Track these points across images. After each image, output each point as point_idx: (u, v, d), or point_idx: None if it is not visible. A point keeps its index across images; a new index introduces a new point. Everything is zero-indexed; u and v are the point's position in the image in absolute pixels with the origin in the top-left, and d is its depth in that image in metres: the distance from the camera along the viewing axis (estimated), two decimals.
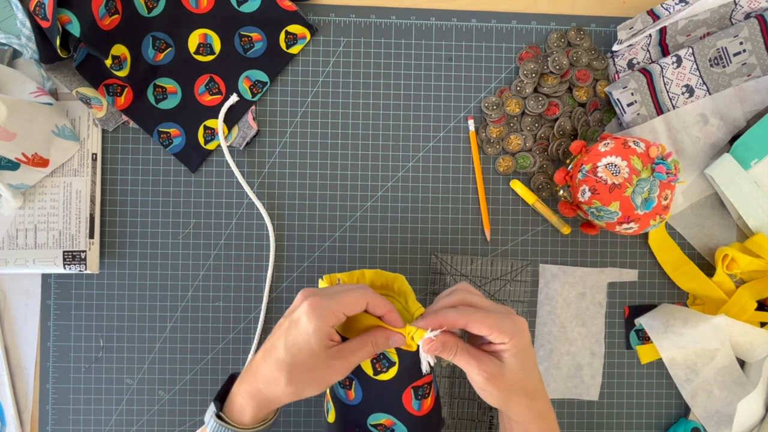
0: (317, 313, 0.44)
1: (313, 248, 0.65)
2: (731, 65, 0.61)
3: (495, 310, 0.49)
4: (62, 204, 0.62)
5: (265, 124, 0.65)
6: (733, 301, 0.64)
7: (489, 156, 0.66)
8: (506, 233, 0.66)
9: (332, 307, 0.44)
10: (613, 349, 0.67)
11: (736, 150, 0.61)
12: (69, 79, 0.62)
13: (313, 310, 0.44)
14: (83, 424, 0.63)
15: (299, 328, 0.44)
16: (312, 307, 0.44)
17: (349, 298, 0.45)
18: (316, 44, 0.65)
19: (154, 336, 0.64)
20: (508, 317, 0.48)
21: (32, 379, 0.63)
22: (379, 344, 0.47)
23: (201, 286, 0.65)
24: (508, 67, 0.66)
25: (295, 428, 0.65)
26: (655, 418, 0.67)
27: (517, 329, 0.47)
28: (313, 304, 0.44)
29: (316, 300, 0.44)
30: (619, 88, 0.62)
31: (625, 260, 0.67)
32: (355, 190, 0.65)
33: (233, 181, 0.65)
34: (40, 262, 0.61)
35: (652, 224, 0.58)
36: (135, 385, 0.64)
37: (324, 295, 0.45)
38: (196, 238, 0.64)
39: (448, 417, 0.65)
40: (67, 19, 0.55)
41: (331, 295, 0.45)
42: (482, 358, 0.48)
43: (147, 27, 0.63)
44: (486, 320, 0.46)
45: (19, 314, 0.63)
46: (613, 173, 0.56)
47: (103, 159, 0.64)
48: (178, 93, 0.64)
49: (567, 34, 0.66)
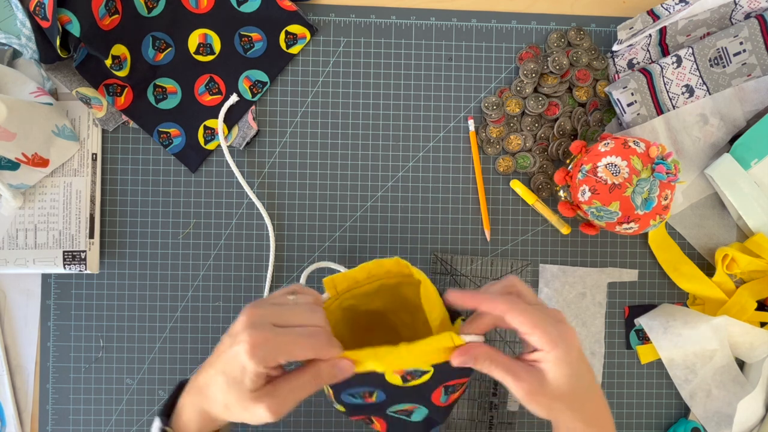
0: (257, 356, 0.39)
1: (313, 248, 0.65)
2: (731, 65, 0.61)
3: (543, 310, 0.44)
4: (62, 204, 0.62)
5: (265, 124, 0.65)
6: (733, 301, 0.64)
7: (489, 156, 0.66)
8: (506, 233, 0.66)
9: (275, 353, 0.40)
10: (613, 349, 0.67)
11: (736, 150, 0.61)
12: (69, 79, 0.62)
13: (254, 349, 0.39)
14: (83, 424, 0.63)
15: (237, 362, 0.40)
16: (252, 344, 0.39)
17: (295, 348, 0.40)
18: (316, 44, 0.65)
19: (154, 336, 0.64)
20: (555, 323, 0.43)
21: (32, 379, 0.63)
22: (322, 376, 0.42)
23: (201, 286, 0.65)
24: (508, 67, 0.66)
25: (295, 428, 0.65)
26: (655, 418, 0.67)
27: (561, 339, 0.42)
28: (255, 343, 0.39)
29: (258, 338, 0.40)
30: (619, 88, 0.62)
31: (625, 260, 0.67)
32: (355, 190, 0.65)
33: (233, 181, 0.65)
34: (40, 262, 0.61)
35: (652, 224, 0.58)
36: (135, 385, 0.64)
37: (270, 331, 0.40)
38: (196, 238, 0.64)
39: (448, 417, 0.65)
40: (67, 19, 0.55)
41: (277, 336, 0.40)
42: (520, 373, 0.43)
43: (147, 27, 0.63)
44: (531, 316, 0.42)
45: (19, 314, 0.63)
46: (613, 173, 0.56)
47: (103, 159, 0.64)
48: (178, 93, 0.64)
49: (567, 34, 0.66)
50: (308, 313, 0.43)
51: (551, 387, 0.43)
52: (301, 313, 0.43)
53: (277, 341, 0.40)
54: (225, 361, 0.41)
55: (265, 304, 0.44)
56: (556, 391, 0.43)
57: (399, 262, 0.50)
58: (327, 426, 0.65)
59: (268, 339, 0.40)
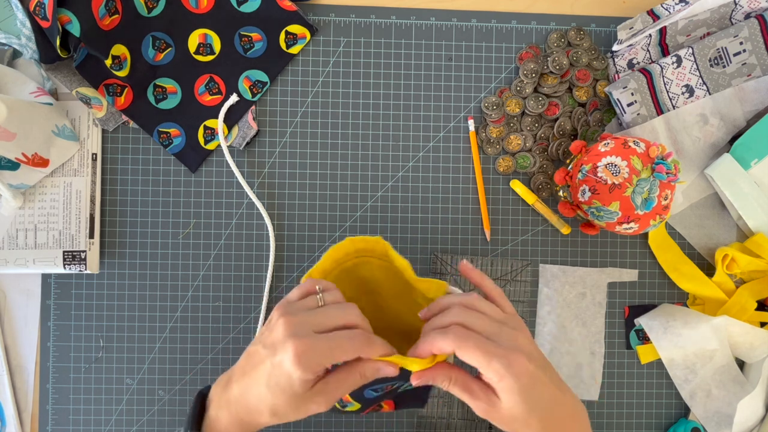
0: (303, 364, 0.40)
1: (313, 248, 0.65)
2: (731, 65, 0.61)
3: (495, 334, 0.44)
4: (62, 204, 0.62)
5: (265, 124, 0.65)
6: (733, 301, 0.64)
7: (489, 156, 0.66)
8: (506, 233, 0.66)
9: (321, 359, 0.41)
10: (613, 349, 0.67)
11: (736, 150, 0.61)
12: (69, 79, 0.62)
13: (299, 358, 0.40)
14: (83, 424, 0.63)
15: (282, 371, 0.41)
16: (298, 354, 0.40)
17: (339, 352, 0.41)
18: (316, 44, 0.65)
19: (154, 336, 0.64)
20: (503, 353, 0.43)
21: (32, 379, 0.63)
22: (367, 375, 0.44)
23: (201, 286, 0.65)
24: (508, 67, 0.66)
25: (295, 428, 0.65)
26: (655, 418, 0.67)
27: (507, 370, 0.42)
28: (300, 351, 0.40)
29: (303, 347, 0.40)
30: (619, 88, 0.62)
31: (625, 260, 0.67)
32: (355, 190, 0.65)
33: (233, 181, 0.65)
34: (40, 262, 0.61)
35: (652, 224, 0.58)
36: (135, 385, 0.64)
37: (312, 339, 0.41)
38: (196, 238, 0.64)
39: (448, 417, 0.65)
40: (67, 19, 0.55)
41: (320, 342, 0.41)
42: (477, 392, 0.45)
43: (147, 27, 0.63)
44: (476, 351, 0.42)
45: (19, 314, 0.63)
46: (613, 173, 0.56)
47: (103, 159, 0.64)
48: (178, 93, 0.64)
49: (567, 34, 0.66)
50: (343, 313, 0.44)
51: (505, 409, 0.44)
52: (336, 315, 0.43)
53: (322, 347, 0.41)
54: (267, 372, 0.41)
55: (298, 310, 0.44)
56: (510, 412, 0.44)
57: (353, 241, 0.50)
58: (327, 426, 0.65)
59: (312, 346, 0.40)
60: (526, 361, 0.43)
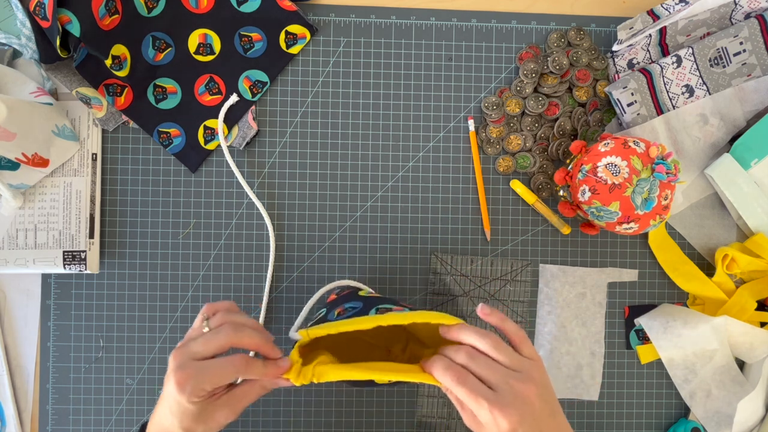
0: (187, 391, 0.44)
1: (313, 248, 0.65)
2: (731, 65, 0.61)
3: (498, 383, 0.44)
4: (62, 204, 0.62)
5: (265, 124, 0.65)
6: (733, 301, 0.64)
7: (489, 156, 0.66)
8: (506, 233, 0.66)
9: (202, 385, 0.45)
10: (613, 349, 0.67)
11: (736, 150, 0.61)
12: (69, 79, 0.62)
13: (182, 387, 0.44)
14: (83, 424, 0.63)
15: (173, 399, 0.45)
16: (180, 383, 0.44)
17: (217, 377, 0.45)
18: (316, 44, 0.65)
19: (154, 336, 0.64)
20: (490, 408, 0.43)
21: (32, 379, 0.63)
22: (267, 387, 0.49)
23: (201, 286, 0.65)
24: (508, 67, 0.66)
25: (295, 428, 0.65)
26: (655, 418, 0.67)
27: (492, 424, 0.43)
28: (180, 381, 0.44)
29: (183, 376, 0.45)
30: (619, 88, 0.62)
31: (625, 260, 0.67)
32: (355, 190, 0.65)
33: (233, 181, 0.65)
34: (40, 262, 0.61)
35: (652, 224, 0.58)
36: (135, 385, 0.64)
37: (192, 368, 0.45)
38: (196, 238, 0.64)
39: (448, 417, 0.65)
40: (67, 19, 0.55)
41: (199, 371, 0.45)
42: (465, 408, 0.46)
43: (147, 27, 0.63)
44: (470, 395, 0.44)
45: (19, 314, 0.63)
46: (613, 173, 0.56)
47: (103, 159, 0.64)
48: (178, 93, 0.64)
49: (567, 34, 0.66)
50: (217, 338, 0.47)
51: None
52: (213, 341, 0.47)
53: (200, 376, 0.45)
54: (166, 400, 0.47)
55: (187, 340, 0.48)
56: None
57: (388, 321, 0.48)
58: (327, 426, 0.65)
59: (192, 375, 0.45)
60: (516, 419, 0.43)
